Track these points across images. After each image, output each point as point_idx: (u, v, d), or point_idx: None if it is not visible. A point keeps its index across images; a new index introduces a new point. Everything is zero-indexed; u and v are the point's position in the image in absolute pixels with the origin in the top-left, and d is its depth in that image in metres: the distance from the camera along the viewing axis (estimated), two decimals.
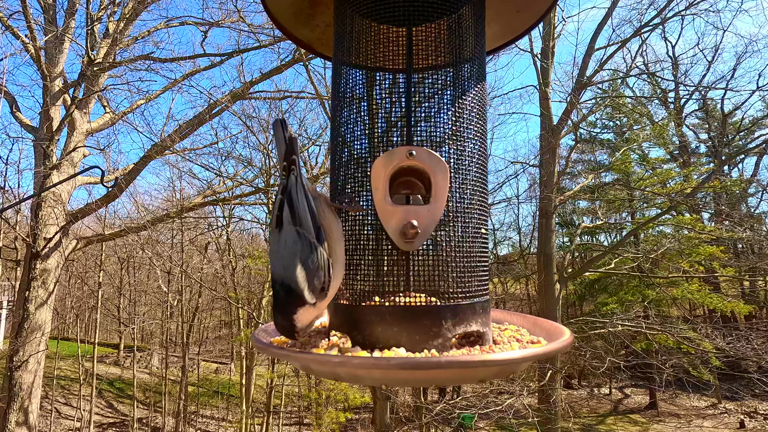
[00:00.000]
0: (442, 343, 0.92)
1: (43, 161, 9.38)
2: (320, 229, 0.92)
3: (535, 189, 16.78)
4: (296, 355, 0.88)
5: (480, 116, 1.09)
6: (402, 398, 13.49)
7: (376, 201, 0.98)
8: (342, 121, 1.11)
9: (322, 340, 0.98)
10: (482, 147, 1.09)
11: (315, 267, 0.88)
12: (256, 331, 1.09)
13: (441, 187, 0.97)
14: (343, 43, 1.15)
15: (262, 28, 10.86)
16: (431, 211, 0.96)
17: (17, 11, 10.25)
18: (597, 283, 20.90)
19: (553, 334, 1.02)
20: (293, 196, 0.93)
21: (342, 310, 1.02)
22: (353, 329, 0.96)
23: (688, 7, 13.06)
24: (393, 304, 0.95)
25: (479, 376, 0.92)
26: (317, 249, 0.89)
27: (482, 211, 1.07)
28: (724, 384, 18.36)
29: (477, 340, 0.97)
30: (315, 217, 0.92)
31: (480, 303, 1.00)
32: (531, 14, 1.27)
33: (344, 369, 0.85)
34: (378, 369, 0.79)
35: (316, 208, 0.93)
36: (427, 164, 0.97)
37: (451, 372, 0.80)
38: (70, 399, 22.00)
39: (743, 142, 17.72)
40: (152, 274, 24.13)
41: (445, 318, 0.93)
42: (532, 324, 1.16)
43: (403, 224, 0.95)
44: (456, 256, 1.00)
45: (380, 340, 0.92)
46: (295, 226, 0.91)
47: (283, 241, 0.91)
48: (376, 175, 0.99)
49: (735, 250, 18.78)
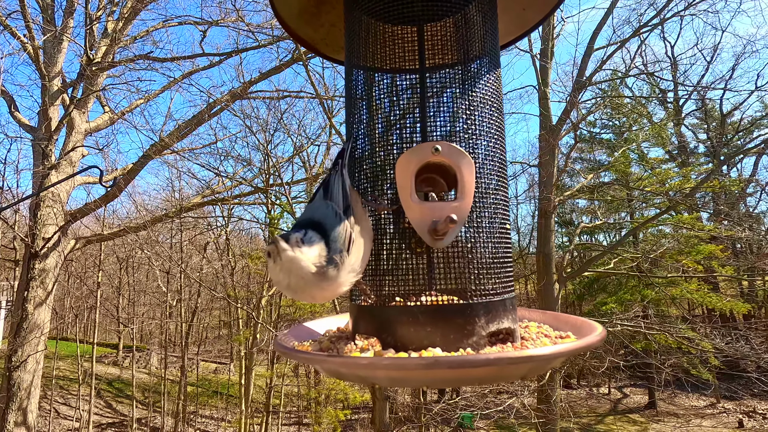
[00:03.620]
0: (476, 341, 0.90)
1: (41, 161, 9.36)
2: (349, 208, 0.93)
3: (535, 189, 16.80)
4: (330, 360, 0.85)
5: (497, 110, 1.08)
6: (401, 398, 13.49)
7: (402, 198, 0.96)
8: (357, 122, 1.11)
9: (347, 344, 0.95)
10: (501, 141, 1.08)
11: (339, 229, 0.89)
12: (278, 337, 1.07)
13: (468, 182, 0.95)
14: (354, 45, 1.14)
15: (260, 28, 10.86)
16: (460, 207, 0.94)
17: (15, 11, 10.23)
18: (596, 283, 20.93)
19: (581, 329, 1.00)
20: (330, 181, 0.98)
21: (367, 312, 0.99)
22: (382, 331, 0.93)
23: (687, 8, 13.07)
24: (424, 304, 0.93)
25: (518, 373, 0.89)
26: (342, 219, 0.90)
27: (505, 206, 1.05)
28: (723, 383, 18.39)
29: (507, 337, 0.95)
30: (347, 198, 0.94)
31: (509, 299, 0.99)
32: (536, 12, 1.26)
33: (392, 372, 0.80)
34: (424, 369, 0.76)
35: (350, 195, 0.95)
36: (452, 159, 0.96)
37: (494, 369, 0.79)
38: (68, 399, 21.96)
39: (742, 142, 17.72)
40: (151, 274, 24.10)
41: (479, 315, 0.91)
42: (553, 319, 1.14)
43: (432, 221, 0.93)
44: (484, 251, 0.99)
45: (413, 341, 0.89)
46: (326, 200, 0.95)
47: (311, 207, 0.98)
48: (400, 172, 0.96)
49: (734, 250, 18.81)
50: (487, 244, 0.99)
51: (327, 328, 1.16)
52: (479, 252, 0.98)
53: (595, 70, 13.06)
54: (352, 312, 1.05)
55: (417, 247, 0.98)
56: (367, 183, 1.06)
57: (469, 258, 0.97)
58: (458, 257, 0.97)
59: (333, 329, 1.14)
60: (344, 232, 0.89)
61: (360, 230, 0.93)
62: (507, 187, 1.09)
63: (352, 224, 0.91)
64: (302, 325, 1.18)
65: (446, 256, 0.97)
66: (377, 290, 1.00)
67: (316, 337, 1.09)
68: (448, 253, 0.97)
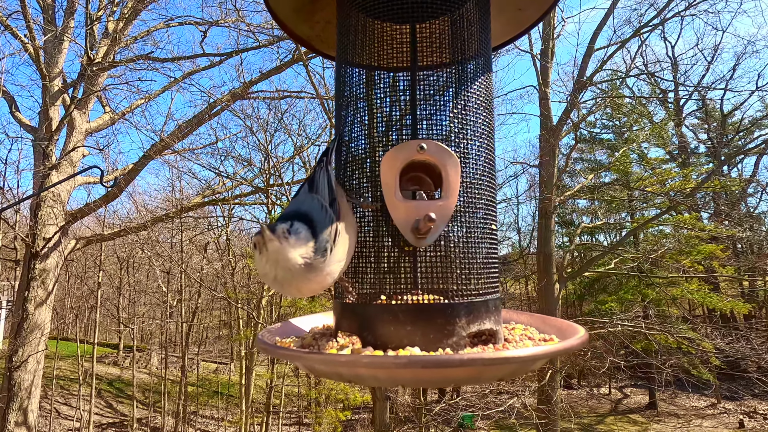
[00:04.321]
0: (456, 341, 0.90)
1: (42, 161, 9.37)
2: (335, 201, 0.92)
3: (535, 189, 16.80)
4: (306, 356, 0.85)
5: (487, 111, 1.08)
6: (402, 398, 13.49)
7: (387, 196, 0.96)
8: (346, 120, 1.10)
9: (329, 341, 0.95)
10: (489, 142, 1.08)
11: (325, 221, 0.88)
12: (261, 332, 1.06)
13: (453, 182, 0.95)
14: (346, 42, 1.13)
15: (261, 28, 10.87)
16: (444, 206, 0.94)
17: (16, 11, 10.25)
18: (596, 283, 20.92)
19: (566, 332, 1.01)
20: (315, 176, 0.98)
21: (350, 309, 0.99)
22: (363, 329, 0.93)
23: (688, 8, 13.08)
24: (405, 303, 0.93)
25: (497, 374, 0.89)
26: (328, 212, 0.90)
27: (491, 207, 1.05)
28: (724, 384, 18.36)
29: (489, 338, 0.95)
30: (332, 191, 0.94)
31: (492, 300, 0.99)
32: (533, 12, 1.26)
33: (366, 370, 0.80)
34: (398, 368, 0.76)
35: (335, 189, 0.96)
36: (437, 158, 0.96)
37: (471, 370, 0.78)
38: (69, 399, 21.97)
39: (742, 142, 17.70)
40: (152, 274, 24.11)
41: (459, 316, 0.91)
42: (540, 322, 1.14)
43: (416, 219, 0.93)
44: (468, 251, 0.98)
45: (393, 340, 0.89)
46: (311, 193, 0.95)
47: (297, 200, 0.98)
48: (386, 170, 0.96)
49: (734, 250, 18.78)
50: (472, 244, 0.99)
51: (313, 326, 1.16)
52: (462, 252, 0.98)
53: (595, 70, 13.08)
54: (335, 309, 1.05)
55: (406, 246, 0.97)
56: (351, 181, 1.06)
57: (452, 258, 0.97)
58: (442, 256, 0.97)
59: (319, 326, 1.14)
60: (331, 225, 0.88)
61: (345, 225, 0.92)
62: (495, 187, 1.09)
63: (339, 218, 0.91)
64: (289, 322, 1.17)
65: (431, 255, 0.97)
66: (362, 288, 1.00)
67: (301, 334, 1.09)
68: (432, 252, 0.97)
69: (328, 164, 0.99)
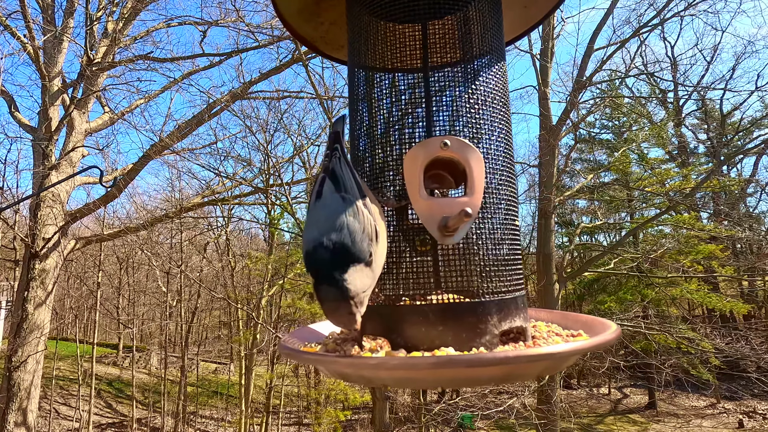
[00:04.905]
0: (489, 340, 0.88)
1: (41, 161, 9.36)
2: (366, 198, 0.86)
3: (535, 189, 16.79)
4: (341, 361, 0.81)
5: (504, 106, 1.07)
6: (401, 398, 13.48)
7: (411, 194, 0.94)
8: (359, 120, 1.09)
9: (353, 345, 0.92)
10: (508, 137, 1.07)
11: (363, 223, 0.80)
12: (284, 338, 1.04)
13: (477, 177, 0.94)
14: (356, 43, 1.13)
15: (260, 28, 10.87)
16: (469, 202, 0.93)
17: (16, 11, 10.24)
18: (596, 283, 20.93)
19: (593, 327, 0.99)
20: (336, 170, 0.89)
21: (375, 312, 0.96)
22: (391, 332, 0.91)
23: (687, 8, 13.07)
24: (435, 303, 0.91)
25: (533, 372, 0.88)
26: (364, 210, 0.83)
27: (512, 202, 1.04)
28: (723, 384, 18.39)
29: (518, 336, 0.93)
30: (361, 189, 0.87)
31: (521, 297, 0.98)
32: (537, 10, 1.26)
33: (397, 372, 0.77)
34: (440, 369, 0.74)
35: (362, 184, 0.89)
36: (461, 154, 0.94)
37: (508, 368, 0.77)
38: (68, 399, 21.95)
39: (742, 142, 17.71)
40: (151, 274, 24.10)
41: (491, 314, 0.90)
42: (561, 318, 1.13)
43: (443, 216, 0.91)
44: (494, 247, 0.97)
45: (424, 342, 0.87)
46: (340, 193, 0.85)
47: (322, 206, 0.85)
48: (409, 167, 0.95)
49: (734, 250, 18.80)
50: (497, 240, 0.98)
51: (331, 330, 1.14)
52: (489, 248, 0.97)
53: (595, 70, 13.07)
54: None
55: (421, 247, 0.96)
56: (369, 182, 1.04)
57: (480, 255, 0.96)
58: (467, 254, 0.95)
59: (337, 331, 1.12)
60: (371, 226, 0.82)
61: (379, 223, 0.87)
62: (515, 182, 1.07)
63: (375, 216, 0.85)
64: (305, 327, 1.16)
65: (454, 253, 0.95)
66: (384, 290, 0.98)
67: (321, 339, 1.07)
68: (455, 251, 0.95)
69: (343, 154, 0.91)
